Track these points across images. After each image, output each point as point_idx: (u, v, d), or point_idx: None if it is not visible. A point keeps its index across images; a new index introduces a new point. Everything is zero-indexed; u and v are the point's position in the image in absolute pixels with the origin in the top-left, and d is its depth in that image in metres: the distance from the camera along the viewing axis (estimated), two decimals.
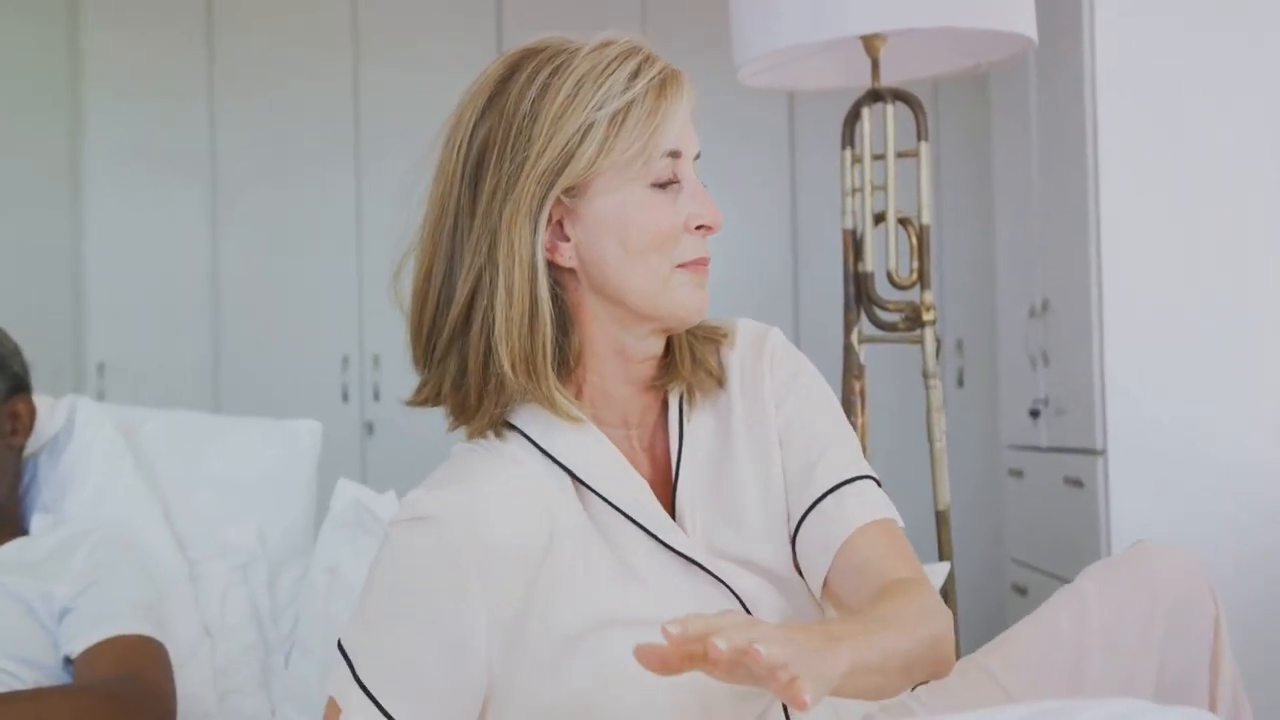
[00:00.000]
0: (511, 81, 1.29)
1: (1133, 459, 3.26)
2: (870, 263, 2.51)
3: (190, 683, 2.06)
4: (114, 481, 2.18)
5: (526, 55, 1.32)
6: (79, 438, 2.20)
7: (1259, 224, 3.26)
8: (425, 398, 1.35)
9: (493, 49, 4.65)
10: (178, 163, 4.61)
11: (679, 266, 1.30)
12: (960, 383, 4.70)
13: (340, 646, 1.30)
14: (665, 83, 1.30)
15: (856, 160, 2.51)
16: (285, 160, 4.62)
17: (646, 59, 1.30)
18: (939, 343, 2.50)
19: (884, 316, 2.53)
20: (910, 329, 2.50)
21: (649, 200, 1.29)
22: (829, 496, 1.36)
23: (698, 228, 1.31)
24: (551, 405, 1.28)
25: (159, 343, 4.57)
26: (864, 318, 2.54)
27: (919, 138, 2.49)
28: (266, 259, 4.62)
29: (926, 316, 2.46)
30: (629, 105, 1.27)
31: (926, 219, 2.50)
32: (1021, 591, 3.93)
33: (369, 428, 4.63)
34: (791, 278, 4.66)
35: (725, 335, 1.42)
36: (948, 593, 2.53)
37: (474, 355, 1.28)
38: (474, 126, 1.30)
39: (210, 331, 4.60)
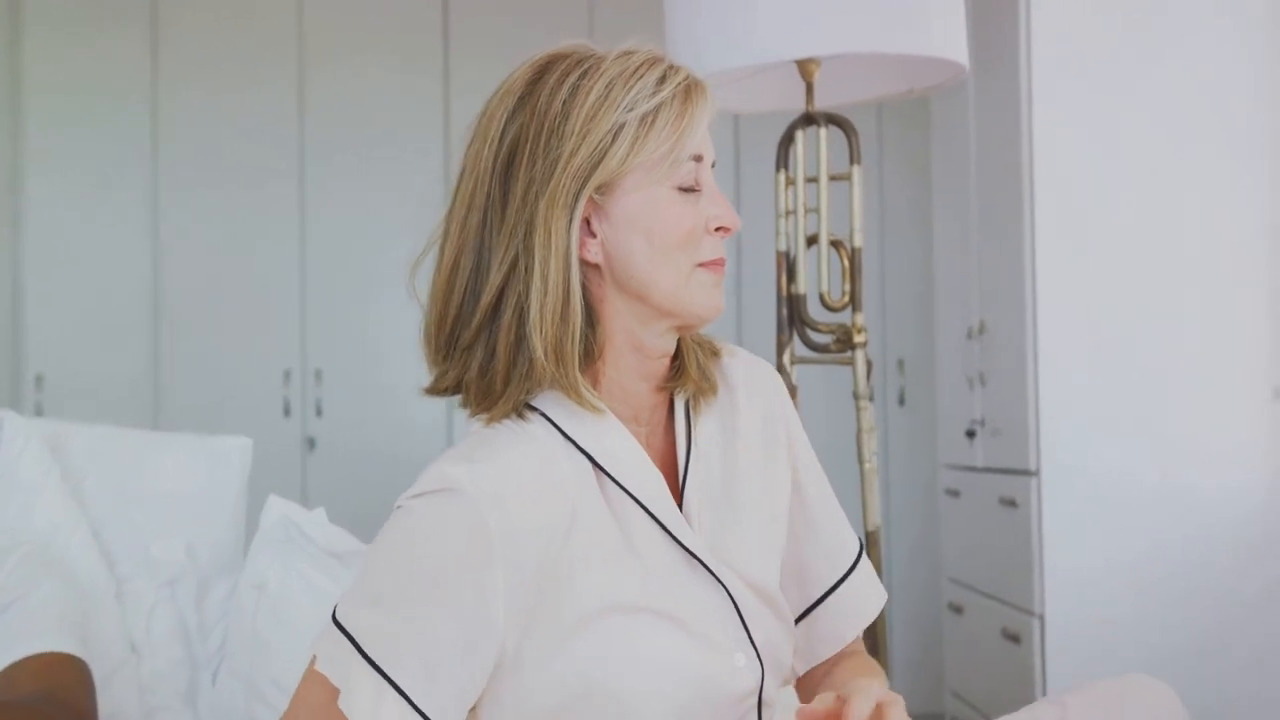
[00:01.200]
0: (541, 83, 1.34)
1: (1065, 480, 3.30)
2: (803, 284, 2.53)
3: (114, 700, 2.05)
4: (40, 497, 2.16)
5: (554, 60, 1.36)
6: (5, 452, 2.18)
7: (1192, 248, 3.31)
8: (446, 385, 1.37)
9: (439, 57, 4.66)
10: (119, 173, 4.59)
11: (699, 265, 1.35)
12: (901, 402, 4.74)
13: (337, 623, 1.28)
14: (690, 89, 1.35)
15: (790, 183, 2.54)
16: (228, 172, 4.61)
17: (671, 67, 1.36)
18: (870, 365, 2.52)
19: (816, 338, 2.56)
20: (842, 350, 2.52)
21: (674, 201, 1.33)
22: (844, 584, 1.53)
23: (717, 229, 1.36)
24: (576, 394, 1.31)
25: (98, 355, 4.54)
26: (796, 339, 2.56)
27: (852, 161, 2.52)
28: (208, 271, 4.60)
29: (858, 339, 2.49)
30: (658, 108, 1.32)
31: (859, 241, 2.53)
32: (957, 610, 3.96)
33: (310, 443, 4.62)
34: (735, 298, 4.68)
35: (722, 349, 1.49)
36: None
37: (504, 343, 1.31)
38: (505, 124, 1.34)
39: (150, 344, 4.58)
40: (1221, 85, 3.31)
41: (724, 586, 1.36)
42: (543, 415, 1.34)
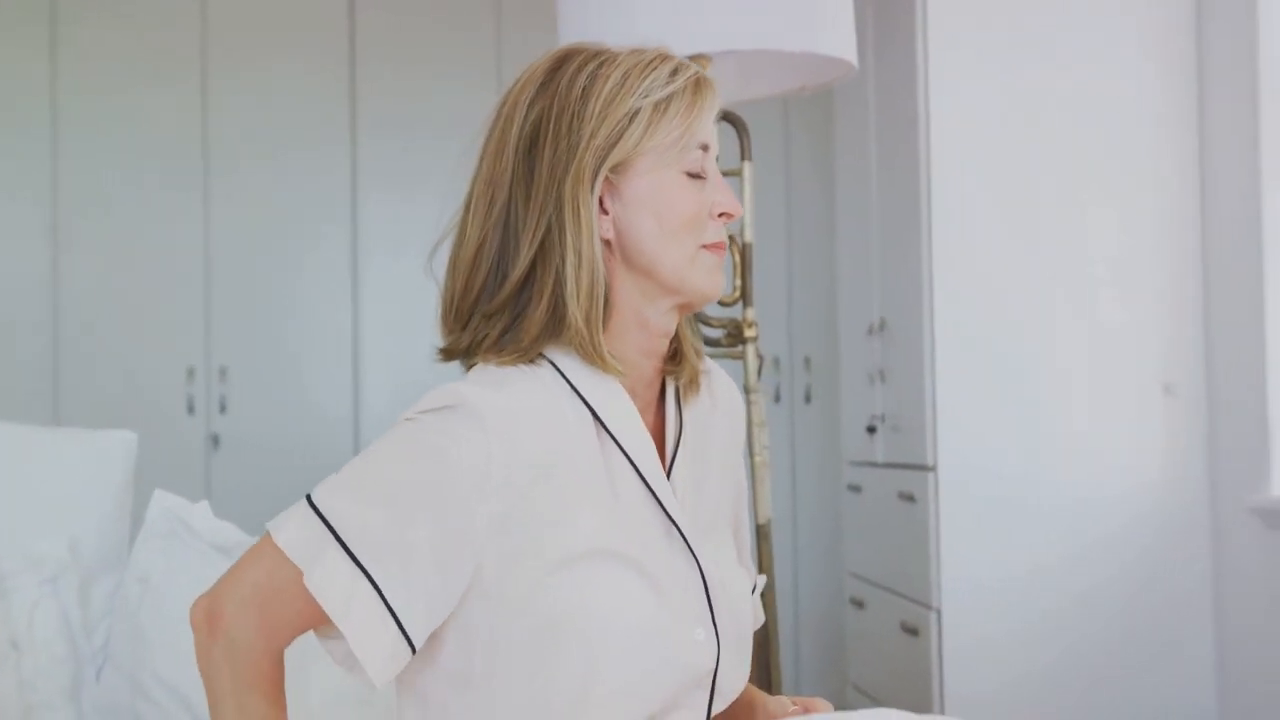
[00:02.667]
0: (560, 72, 1.41)
1: (961, 475, 3.34)
2: None
3: None
4: None
5: (571, 53, 1.44)
6: None
7: (1086, 245, 3.36)
8: (462, 348, 1.44)
9: (345, 66, 4.64)
10: (17, 169, 4.53)
11: (703, 247, 1.43)
12: (808, 399, 4.77)
13: (312, 504, 1.33)
14: (700, 83, 1.43)
15: None
16: (130, 168, 4.56)
17: (680, 63, 1.44)
18: (761, 359, 2.55)
19: (708, 333, 2.58)
20: (733, 345, 2.55)
21: (683, 184, 1.41)
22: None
23: (720, 215, 1.44)
24: (600, 357, 1.38)
25: None
26: None
27: (743, 157, 2.54)
28: (109, 268, 4.55)
29: (748, 333, 2.52)
30: (671, 97, 1.40)
31: (749, 237, 2.55)
32: (859, 604, 3.99)
33: (214, 440, 4.58)
34: None
35: (703, 357, 1.57)
36: (767, 603, 2.58)
37: (539, 309, 1.38)
38: (528, 109, 1.41)
39: (49, 341, 4.52)
40: (1116, 82, 3.37)
41: (697, 561, 1.42)
42: (552, 365, 1.40)
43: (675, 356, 1.50)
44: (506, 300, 1.39)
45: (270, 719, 1.34)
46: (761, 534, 2.54)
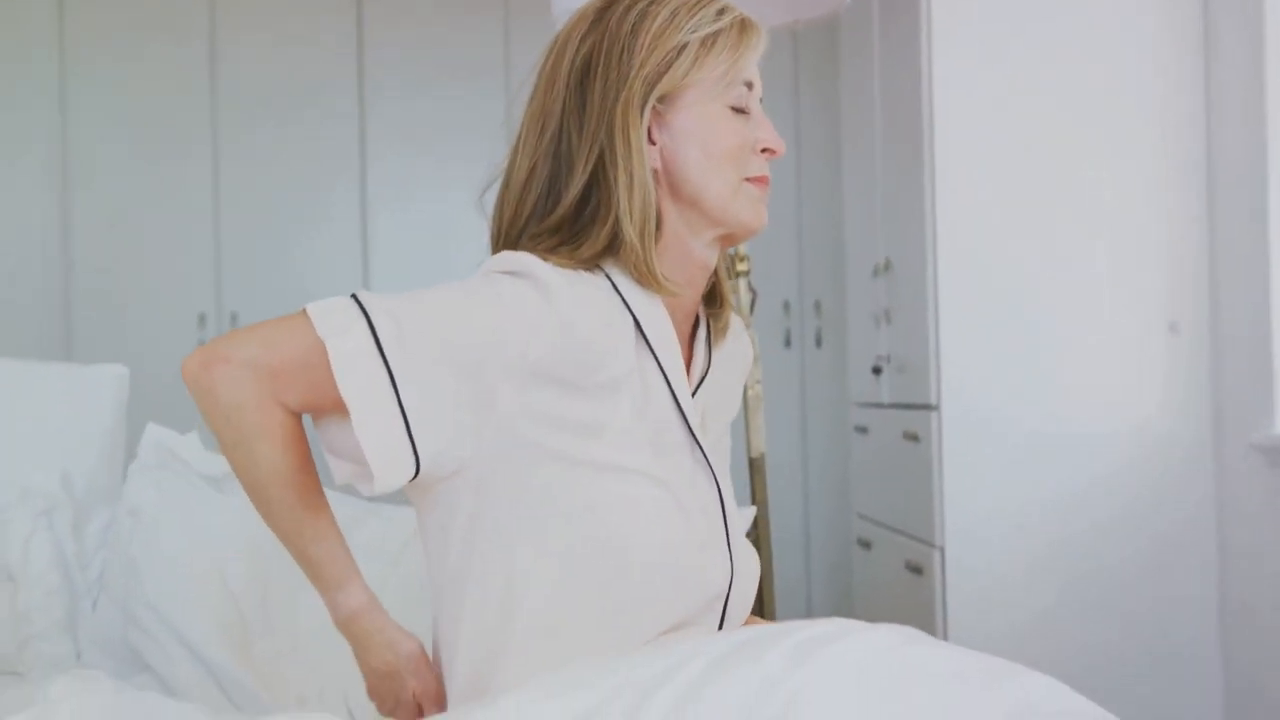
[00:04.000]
0: (611, 9, 1.47)
1: (963, 414, 3.33)
2: None
3: None
4: None
5: None
6: None
7: (1090, 182, 3.34)
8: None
9: (352, 20, 4.63)
10: (28, 121, 4.54)
11: (747, 180, 1.48)
12: (818, 343, 4.77)
13: (357, 300, 1.35)
14: (745, 24, 1.48)
15: None
16: (138, 118, 4.58)
17: (727, 4, 1.48)
18: (755, 294, 2.56)
19: None
20: (727, 278, 2.55)
21: (727, 118, 1.46)
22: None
23: (763, 150, 1.49)
24: (653, 275, 1.42)
25: (6, 296, 4.51)
26: None
27: None
28: (120, 213, 4.56)
29: (740, 267, 2.53)
30: (717, 33, 1.45)
31: None
32: (865, 545, 4.00)
33: None
34: None
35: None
36: (759, 539, 2.59)
37: (597, 231, 1.42)
38: (580, 43, 1.46)
39: (61, 289, 4.54)
40: (1122, 21, 3.34)
41: (718, 485, 1.47)
42: (607, 276, 1.44)
43: (712, 299, 1.56)
44: (558, 222, 1.44)
45: (284, 467, 1.37)
46: (755, 467, 2.55)
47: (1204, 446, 3.34)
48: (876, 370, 3.80)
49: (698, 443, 1.46)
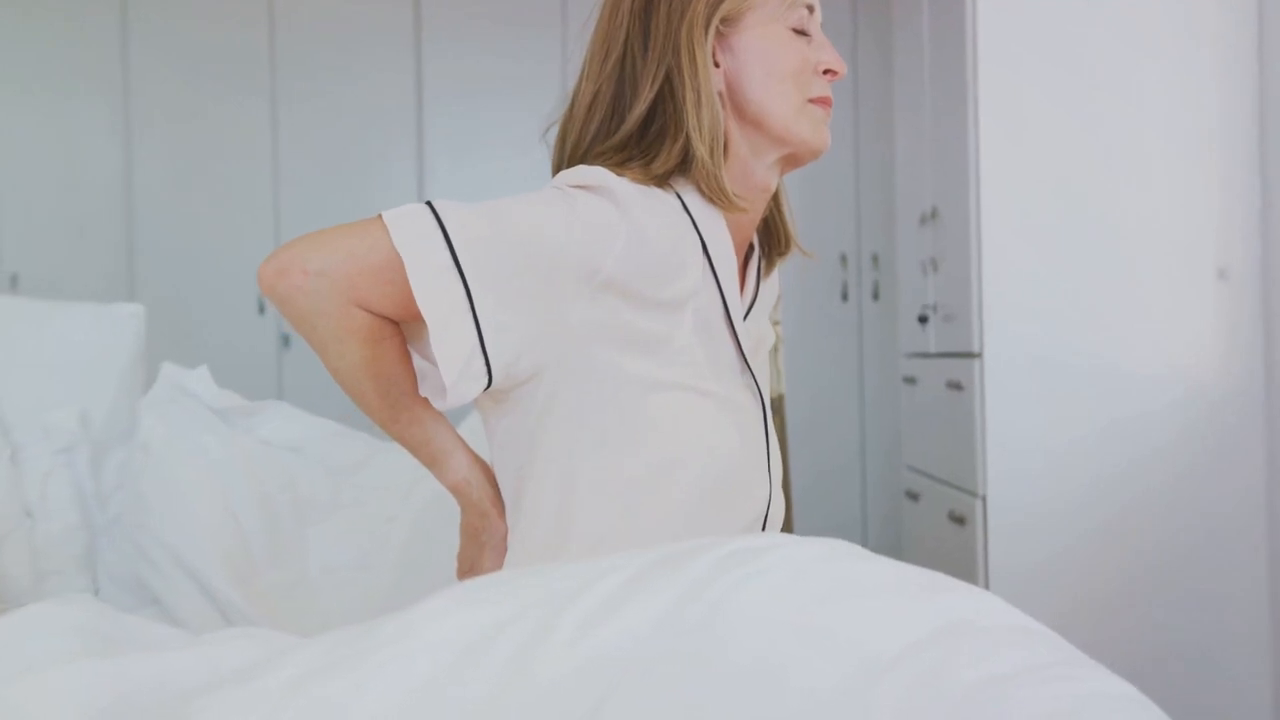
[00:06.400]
0: None
1: (1006, 362, 3.29)
2: None
3: (4, 563, 2.10)
4: None
5: None
6: None
7: (1138, 129, 3.27)
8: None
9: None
10: (90, 72, 4.61)
11: (809, 100, 1.50)
12: (875, 296, 4.73)
13: (432, 208, 1.37)
14: None
15: None
16: (199, 71, 4.63)
17: None
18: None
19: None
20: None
21: (789, 38, 1.49)
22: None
23: (825, 72, 1.51)
24: (722, 190, 1.45)
25: (71, 255, 4.58)
26: None
27: None
28: (181, 172, 4.63)
29: None
30: None
31: None
32: (914, 497, 3.96)
33: (285, 340, 4.66)
34: None
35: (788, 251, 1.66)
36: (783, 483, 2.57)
37: (668, 148, 1.44)
38: None
39: (124, 247, 4.62)
40: None
41: (764, 409, 1.50)
42: (675, 193, 1.46)
43: (770, 232, 1.60)
44: (624, 140, 1.46)
45: (369, 362, 1.39)
46: (775, 407, 2.53)
47: (1255, 394, 3.27)
48: (923, 319, 3.76)
49: (748, 365, 1.48)
